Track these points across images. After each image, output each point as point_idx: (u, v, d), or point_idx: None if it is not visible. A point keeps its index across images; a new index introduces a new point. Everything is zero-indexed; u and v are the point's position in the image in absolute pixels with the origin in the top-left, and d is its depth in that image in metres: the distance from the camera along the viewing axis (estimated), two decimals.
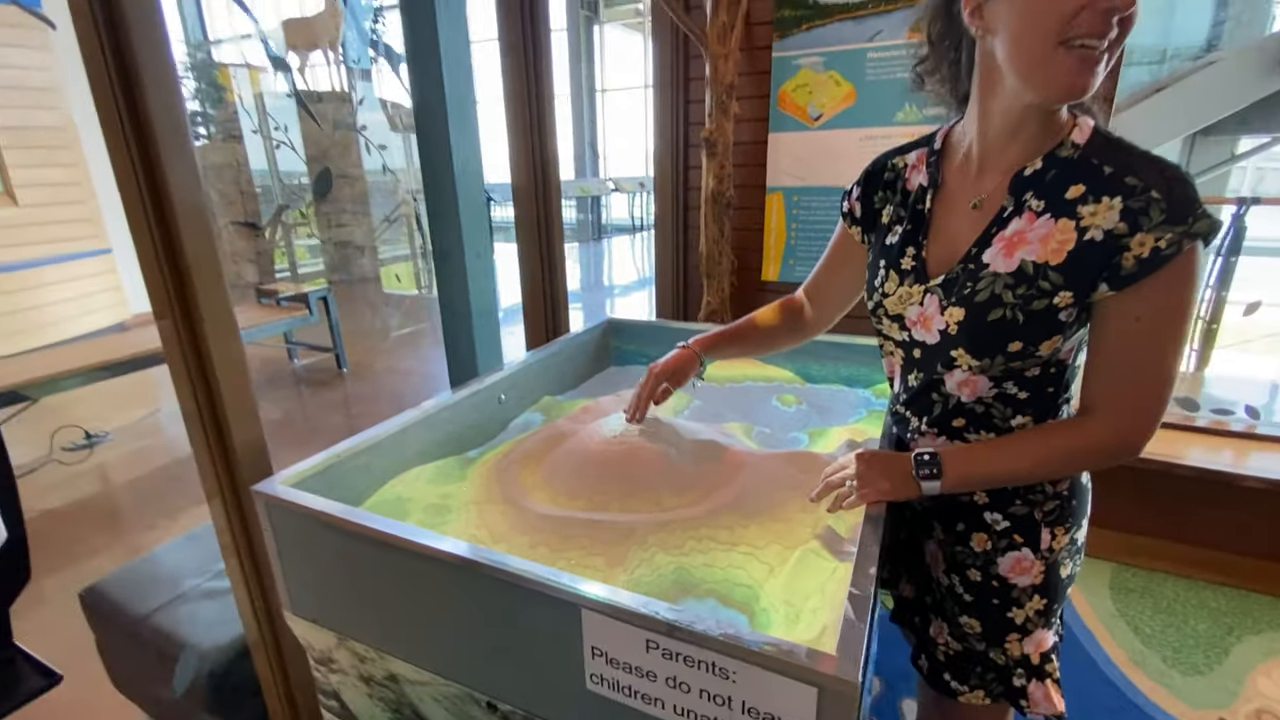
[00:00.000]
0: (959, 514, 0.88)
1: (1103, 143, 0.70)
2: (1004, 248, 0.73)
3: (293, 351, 4.74)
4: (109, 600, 1.39)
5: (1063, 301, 0.70)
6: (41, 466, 3.03)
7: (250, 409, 1.12)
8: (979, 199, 0.78)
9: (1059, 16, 0.63)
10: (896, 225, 0.86)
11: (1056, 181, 0.71)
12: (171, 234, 1.00)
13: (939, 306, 0.78)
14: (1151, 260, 0.65)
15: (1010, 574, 0.85)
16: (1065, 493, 0.83)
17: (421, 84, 1.16)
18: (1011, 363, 0.74)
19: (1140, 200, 0.65)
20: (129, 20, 0.90)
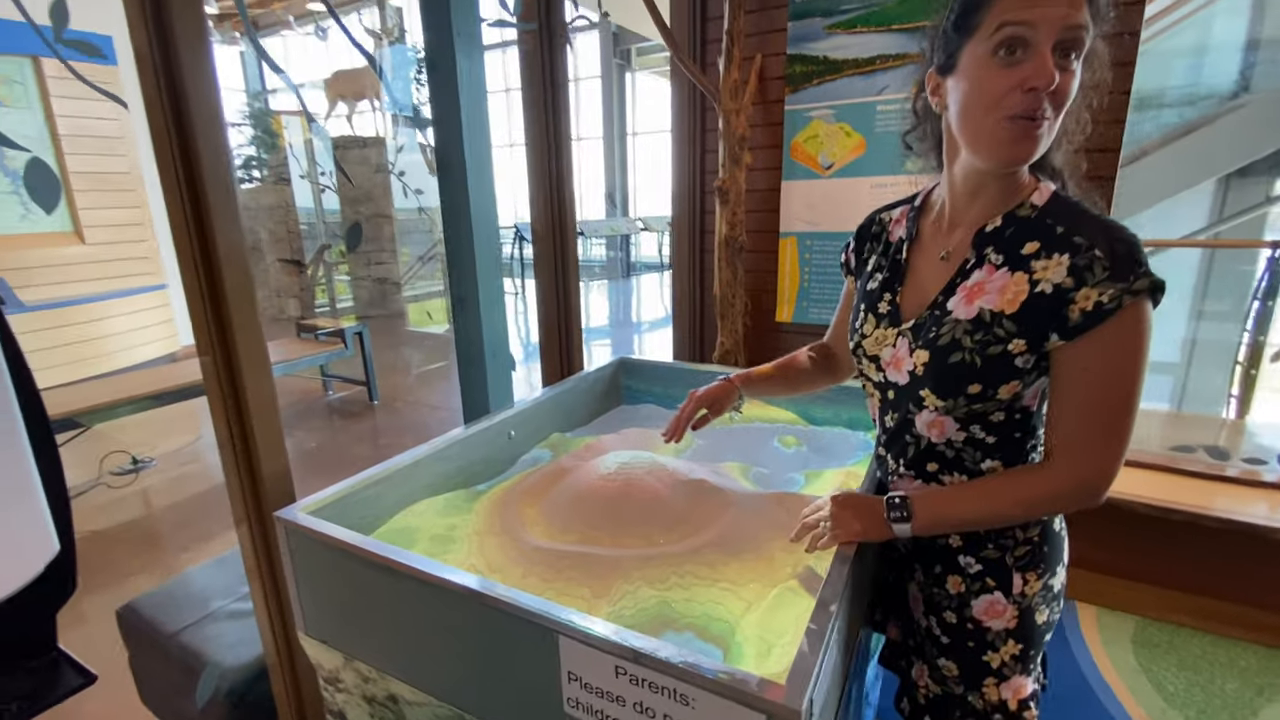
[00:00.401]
0: (936, 556, 0.91)
1: (1059, 206, 0.76)
2: (965, 296, 0.79)
3: (328, 384, 4.93)
4: (142, 618, 1.48)
5: (1017, 349, 0.74)
6: (91, 489, 3.20)
7: (278, 440, 1.21)
8: (947, 251, 0.84)
9: (993, 95, 0.70)
10: (878, 273, 0.93)
11: (1014, 238, 0.76)
12: (215, 277, 1.11)
13: (908, 349, 0.83)
14: (1095, 314, 0.69)
15: (984, 617, 0.87)
16: (1036, 538, 0.86)
17: (443, 142, 1.27)
18: (973, 404, 0.79)
19: (1085, 258, 0.70)
20: (186, 85, 1.02)
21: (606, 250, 11.27)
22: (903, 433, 0.88)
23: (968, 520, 0.82)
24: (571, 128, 1.87)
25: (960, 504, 0.81)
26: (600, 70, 10.80)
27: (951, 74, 0.75)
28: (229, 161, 1.12)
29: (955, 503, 0.81)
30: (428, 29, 1.23)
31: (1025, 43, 0.67)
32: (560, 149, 1.81)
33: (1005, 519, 0.82)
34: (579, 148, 11.36)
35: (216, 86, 1.08)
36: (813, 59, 2.30)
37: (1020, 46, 0.67)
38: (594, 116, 11.08)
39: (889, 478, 0.95)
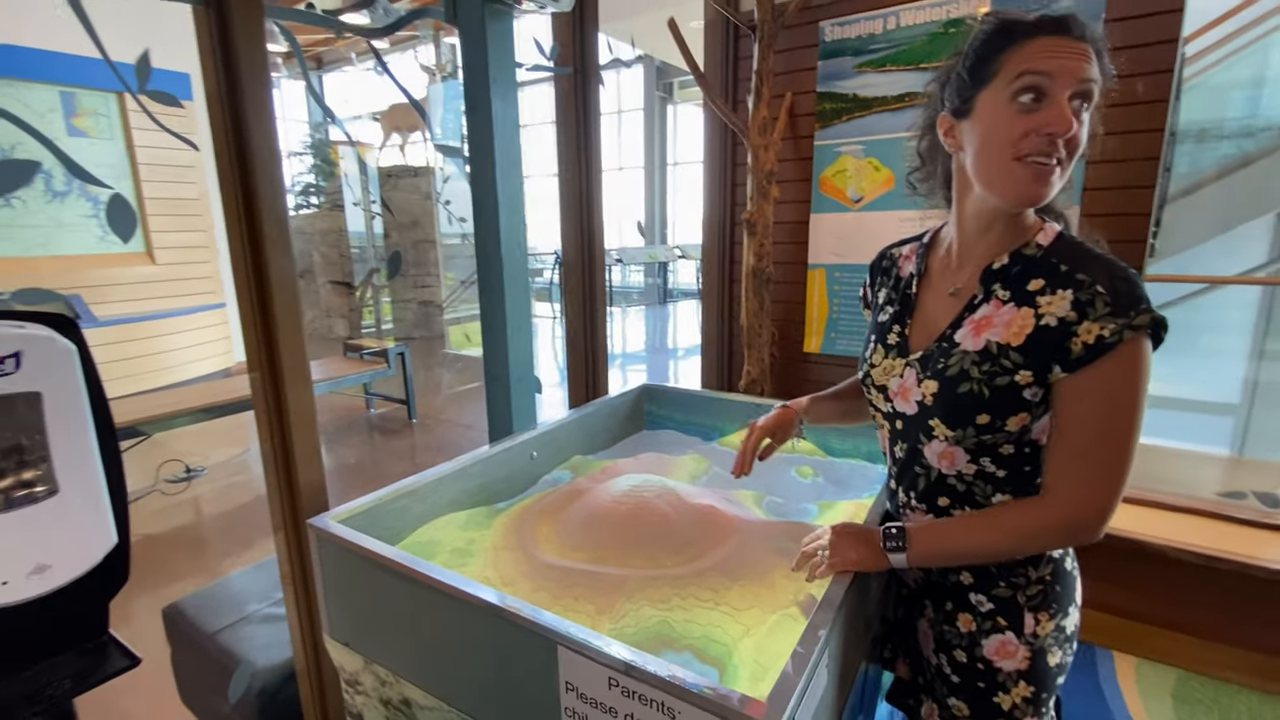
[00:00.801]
0: (947, 594, 0.91)
1: (1063, 246, 0.78)
2: (973, 329, 0.81)
3: (370, 401, 5.11)
4: (185, 617, 1.57)
5: (1024, 379, 0.76)
6: (147, 494, 3.39)
7: (315, 453, 1.29)
8: (956, 287, 0.87)
9: (1010, 139, 0.73)
10: (888, 306, 0.96)
11: (1021, 275, 0.79)
12: (266, 300, 1.21)
13: (916, 379, 0.86)
14: (1096, 347, 0.71)
15: (995, 657, 0.87)
16: (1048, 577, 0.86)
17: (478, 178, 1.36)
18: (982, 435, 0.80)
19: (1088, 293, 0.72)
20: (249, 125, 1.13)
21: (644, 277, 11.42)
22: (912, 464, 0.90)
23: (962, 552, 0.83)
24: (602, 161, 1.96)
25: (955, 535, 0.82)
26: (643, 103, 11.07)
27: (966, 118, 0.78)
28: (283, 195, 1.22)
29: (950, 534, 0.82)
30: (467, 75, 1.32)
31: (1043, 91, 0.71)
32: (591, 182, 1.90)
33: (1001, 552, 0.82)
34: (620, 177, 11.61)
35: (275, 128, 1.19)
36: (842, 96, 2.35)
37: (1039, 94, 0.71)
38: (636, 147, 11.34)
39: (900, 511, 0.96)
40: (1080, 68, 0.70)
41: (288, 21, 1.25)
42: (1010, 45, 0.73)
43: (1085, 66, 0.70)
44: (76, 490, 0.66)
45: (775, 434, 1.09)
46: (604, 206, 1.97)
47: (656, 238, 11.65)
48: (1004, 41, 0.74)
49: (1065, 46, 0.71)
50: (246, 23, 1.09)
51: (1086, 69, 0.70)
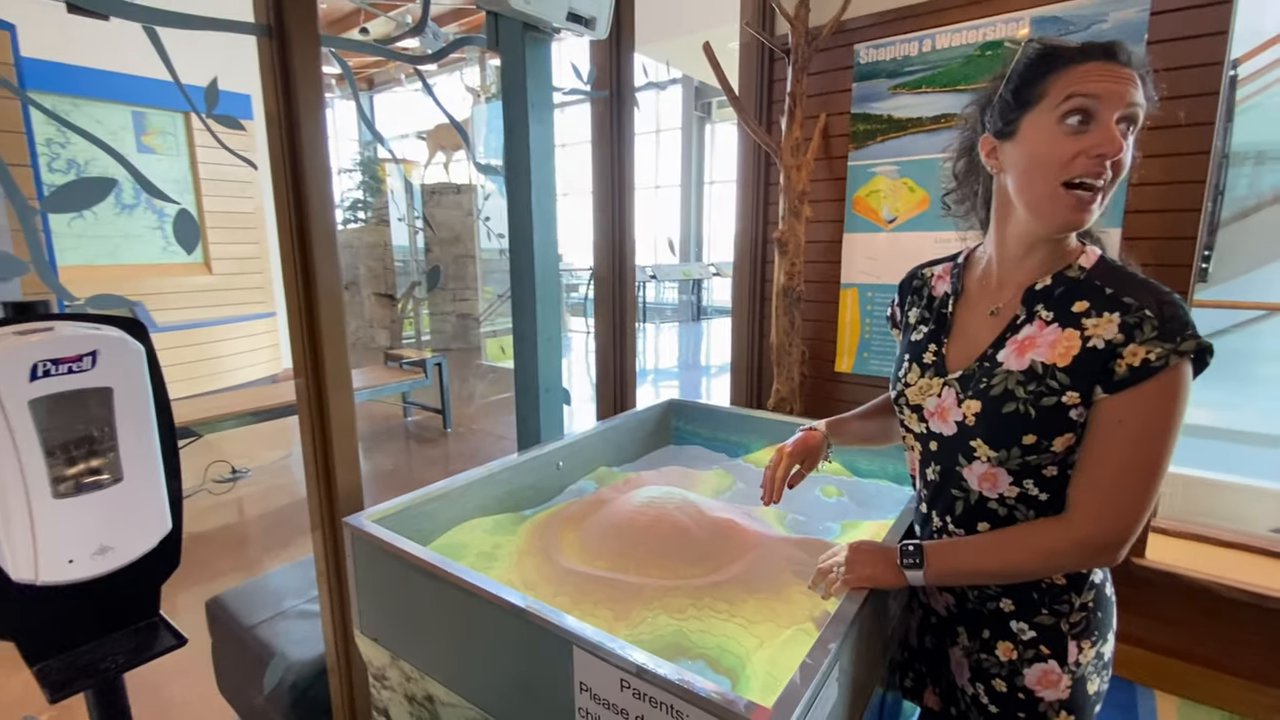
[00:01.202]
0: (984, 621, 0.90)
1: (1106, 269, 0.79)
2: (1016, 349, 0.81)
3: (408, 409, 5.25)
4: (226, 610, 1.65)
5: (1070, 400, 0.76)
6: (195, 493, 3.54)
7: (353, 456, 1.35)
8: (996, 307, 0.87)
9: (1059, 160, 0.74)
10: (921, 325, 0.96)
11: (1064, 297, 0.79)
12: (313, 309, 1.29)
13: (956, 399, 0.85)
14: (1142, 369, 0.71)
15: (1037, 687, 0.86)
16: (1091, 604, 0.85)
17: (513, 196, 1.42)
18: (1027, 456, 0.79)
19: (1135, 316, 0.73)
20: (303, 145, 1.21)
21: (679, 294, 11.47)
22: (948, 486, 0.88)
23: (981, 570, 0.82)
24: (637, 179, 2.01)
25: (973, 552, 0.82)
26: (681, 122, 11.21)
27: (1010, 139, 0.79)
28: (332, 210, 1.30)
29: (967, 551, 0.82)
30: (506, 98, 1.39)
31: (1091, 114, 0.72)
32: (623, 200, 1.95)
33: (1019, 571, 0.81)
34: (657, 195, 11.74)
35: (326, 147, 1.27)
36: (877, 118, 2.36)
37: (1086, 117, 0.72)
38: (674, 165, 11.47)
39: (933, 535, 0.93)
40: (1127, 92, 0.71)
41: (342, 50, 1.34)
42: (1057, 69, 0.74)
43: (1132, 91, 0.72)
44: (138, 479, 0.72)
45: (805, 459, 1.08)
46: (636, 224, 2.02)
47: (691, 255, 11.71)
48: (1050, 65, 0.75)
49: (1112, 72, 0.72)
50: (304, 51, 1.18)
51: (1133, 93, 0.72)
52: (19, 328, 0.66)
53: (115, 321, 0.74)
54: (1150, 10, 1.84)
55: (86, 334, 0.66)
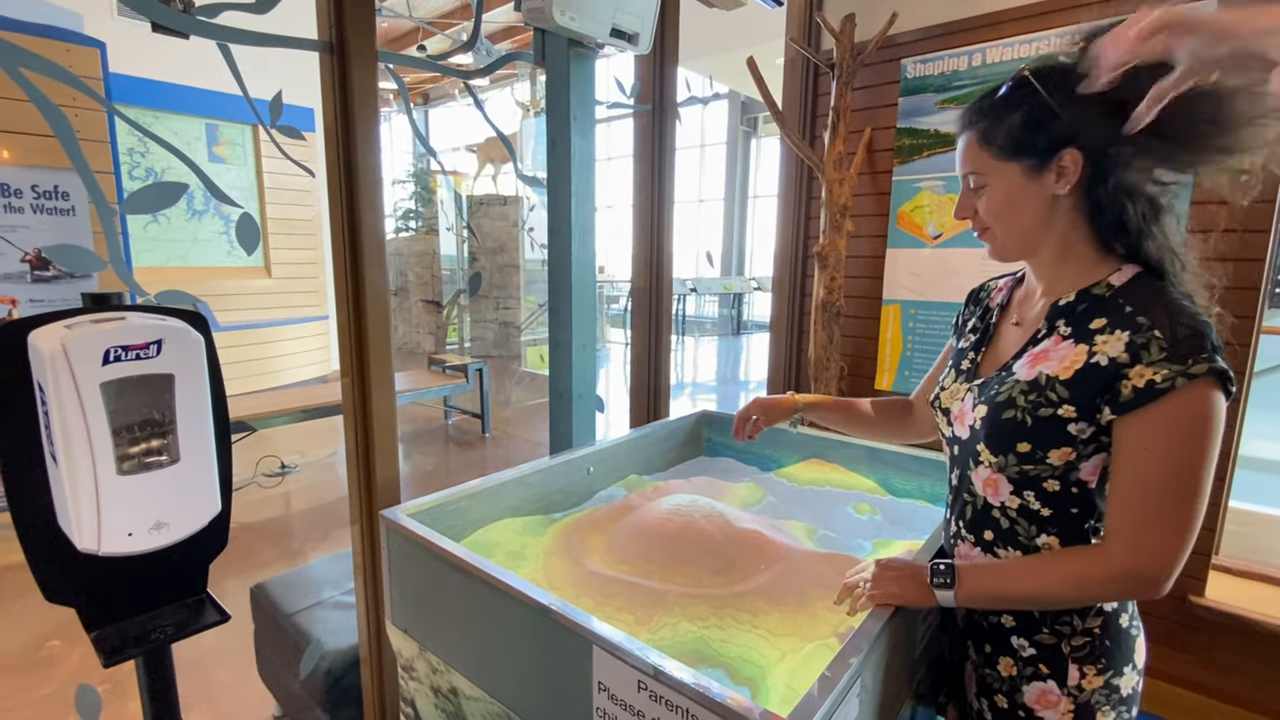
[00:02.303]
0: (987, 635, 0.90)
1: (1136, 288, 0.77)
2: (1030, 360, 0.82)
3: (448, 413, 5.38)
4: (269, 597, 1.72)
5: (1067, 414, 0.76)
6: (245, 486, 3.70)
7: (392, 454, 1.40)
8: (1019, 318, 0.90)
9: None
10: (971, 334, 0.99)
11: (1086, 313, 0.79)
12: (361, 313, 1.34)
13: (972, 403, 0.87)
14: (1147, 392, 0.70)
15: (1036, 705, 0.84)
16: (1097, 630, 0.82)
17: (554, 208, 1.46)
18: (1024, 465, 0.80)
19: (1144, 336, 0.71)
20: (358, 156, 1.27)
21: (719, 307, 11.44)
22: (962, 490, 0.91)
23: (1016, 596, 0.80)
24: (678, 193, 2.03)
25: (1008, 577, 0.80)
26: (726, 137, 11.25)
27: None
28: (382, 218, 1.36)
29: (1003, 575, 0.80)
30: (550, 111, 1.43)
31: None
32: (663, 213, 1.97)
33: (1056, 599, 0.79)
34: (701, 209, 11.77)
35: (379, 159, 1.34)
36: (923, 132, 2.33)
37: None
38: (718, 179, 11.49)
39: (951, 541, 0.96)
40: (960, 161, 0.85)
41: (398, 66, 1.40)
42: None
43: (964, 156, 0.83)
44: (193, 461, 0.76)
45: (766, 412, 1.21)
46: (675, 237, 2.04)
47: (734, 269, 11.68)
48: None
49: (961, 142, 0.84)
50: (362, 66, 1.24)
51: (964, 158, 0.84)
52: (94, 316, 0.72)
53: (179, 315, 0.79)
54: None
55: (154, 324, 0.72)
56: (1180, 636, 1.93)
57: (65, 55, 3.00)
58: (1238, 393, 1.80)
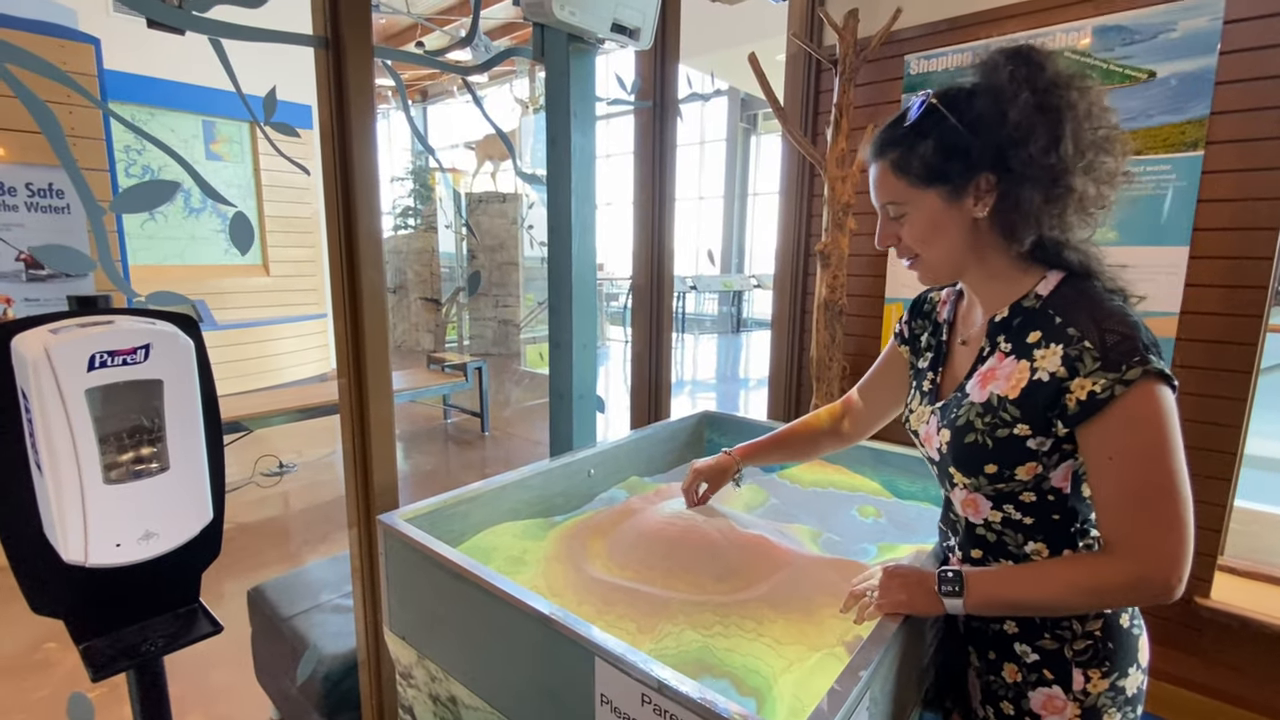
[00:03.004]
0: (990, 642, 0.89)
1: (1061, 296, 0.78)
2: (980, 381, 0.82)
3: (448, 412, 5.35)
4: (266, 600, 1.70)
5: (1023, 432, 0.76)
6: (243, 486, 3.68)
7: (391, 457, 1.38)
8: (965, 338, 0.90)
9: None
10: (928, 352, 0.98)
11: (1021, 327, 0.80)
12: (358, 312, 1.32)
13: (937, 427, 0.88)
14: (1090, 403, 0.71)
15: (1042, 711, 0.84)
16: (1098, 633, 0.81)
17: (554, 205, 1.43)
18: (996, 484, 0.81)
19: (1076, 348, 0.72)
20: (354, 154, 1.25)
21: (719, 305, 11.41)
22: (949, 509, 0.92)
23: (1025, 603, 0.79)
24: (679, 190, 2.01)
25: (1017, 585, 0.78)
26: (726, 134, 11.20)
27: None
28: (379, 216, 1.33)
29: (1013, 583, 0.79)
30: (550, 107, 1.41)
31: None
32: (664, 210, 1.95)
33: (1066, 607, 0.78)
34: (701, 206, 11.74)
35: (375, 156, 1.31)
36: None
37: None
38: (718, 177, 11.46)
39: (946, 554, 0.96)
40: (876, 191, 0.84)
41: (395, 62, 1.38)
42: None
43: (879, 189, 0.83)
44: (184, 469, 0.74)
45: (711, 479, 1.19)
46: (676, 235, 2.01)
47: (733, 266, 11.65)
48: None
49: (874, 172, 0.83)
50: (358, 61, 1.22)
51: (880, 191, 0.83)
52: (81, 320, 0.69)
53: (170, 317, 0.77)
54: (1224, 19, 1.75)
55: (141, 328, 0.69)
56: (1186, 638, 1.92)
57: (58, 52, 2.96)
58: (1243, 392, 1.78)
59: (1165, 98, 1.87)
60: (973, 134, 0.74)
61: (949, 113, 0.76)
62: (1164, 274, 1.85)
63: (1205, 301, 1.83)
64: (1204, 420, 1.81)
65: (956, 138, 0.75)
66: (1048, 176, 0.73)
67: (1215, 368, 1.82)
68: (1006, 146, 0.73)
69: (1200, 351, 1.84)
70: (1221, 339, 1.82)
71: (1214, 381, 1.82)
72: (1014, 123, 0.72)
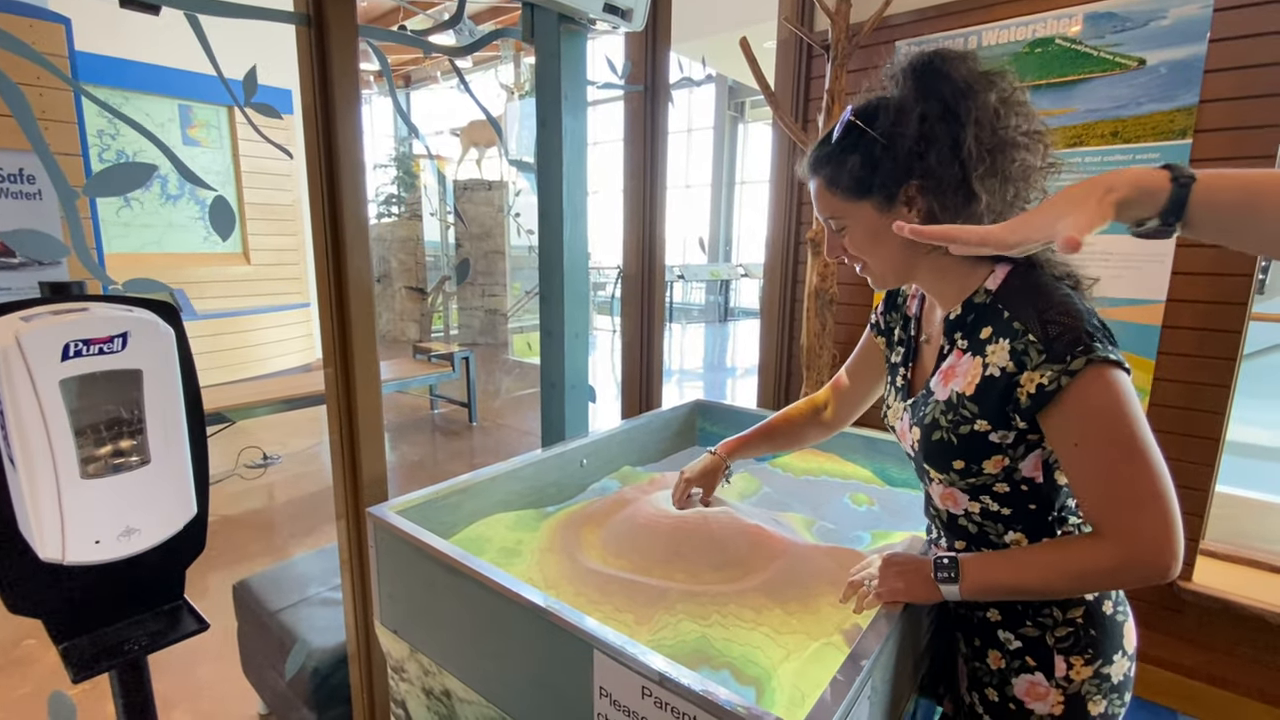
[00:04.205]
0: (974, 629, 0.90)
1: (1009, 289, 0.78)
2: (942, 378, 0.83)
3: (434, 402, 5.31)
4: (253, 594, 1.67)
5: (983, 427, 0.77)
6: (227, 478, 3.63)
7: (379, 448, 1.35)
8: (928, 335, 0.91)
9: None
10: (899, 346, 0.98)
11: (974, 324, 0.80)
12: (344, 300, 1.29)
13: (909, 424, 0.88)
14: (1039, 396, 0.71)
15: (1025, 698, 0.84)
16: (1079, 620, 0.82)
17: (545, 191, 1.40)
18: (967, 478, 0.81)
19: (1021, 343, 0.73)
20: (338, 139, 1.21)
21: (706, 294, 11.40)
22: (931, 501, 0.92)
23: (1022, 588, 0.78)
24: (668, 178, 1.98)
25: (1010, 570, 0.78)
26: (713, 121, 11.14)
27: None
28: (364, 203, 1.30)
29: (1008, 568, 0.79)
30: (540, 91, 1.38)
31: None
32: (655, 197, 1.93)
33: (1060, 591, 0.79)
34: (687, 194, 11.68)
35: (361, 140, 1.28)
36: None
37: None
38: (705, 165, 11.40)
39: (930, 544, 0.98)
40: (816, 206, 0.85)
41: (380, 42, 1.34)
42: None
43: (819, 205, 0.84)
44: (165, 462, 0.72)
45: (703, 483, 1.17)
46: (667, 223, 1.99)
47: (720, 255, 11.64)
48: None
49: (812, 188, 0.85)
50: (341, 40, 1.18)
51: (819, 207, 0.84)
52: (54, 308, 0.66)
53: (148, 305, 0.74)
54: (1214, 6, 1.75)
55: (119, 315, 0.66)
56: (1168, 621, 1.95)
57: (28, 31, 2.86)
58: (1226, 379, 1.80)
59: (1155, 86, 1.87)
60: (886, 147, 0.76)
61: (867, 127, 0.77)
62: (1152, 262, 1.86)
63: (1191, 289, 1.85)
64: (1188, 407, 1.83)
65: (875, 151, 0.77)
66: (952, 185, 0.75)
67: (1200, 355, 1.84)
68: (913, 157, 0.75)
69: (1186, 339, 1.86)
70: (1206, 326, 1.83)
71: (1199, 369, 1.84)
72: (915, 135, 0.75)
